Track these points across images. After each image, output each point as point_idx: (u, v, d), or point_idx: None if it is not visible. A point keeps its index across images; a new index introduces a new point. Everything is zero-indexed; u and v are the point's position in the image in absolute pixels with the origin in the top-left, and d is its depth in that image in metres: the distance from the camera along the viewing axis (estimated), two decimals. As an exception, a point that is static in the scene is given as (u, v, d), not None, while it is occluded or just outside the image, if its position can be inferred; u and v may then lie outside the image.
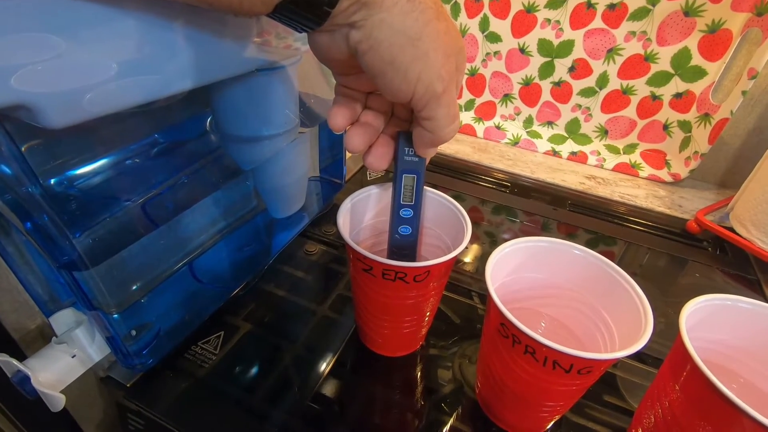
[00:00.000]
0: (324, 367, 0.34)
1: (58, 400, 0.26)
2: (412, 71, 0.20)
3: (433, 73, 0.21)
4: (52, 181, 0.26)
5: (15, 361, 0.26)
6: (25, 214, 0.21)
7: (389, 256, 0.29)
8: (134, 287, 0.30)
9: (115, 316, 0.27)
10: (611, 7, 0.58)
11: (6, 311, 0.32)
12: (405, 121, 0.27)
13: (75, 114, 0.19)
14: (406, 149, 0.26)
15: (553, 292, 0.30)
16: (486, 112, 0.74)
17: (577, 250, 0.28)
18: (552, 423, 0.30)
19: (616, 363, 0.36)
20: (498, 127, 0.73)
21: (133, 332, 0.29)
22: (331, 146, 0.48)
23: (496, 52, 0.68)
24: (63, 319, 0.29)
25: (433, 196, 0.33)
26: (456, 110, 0.23)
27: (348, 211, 0.31)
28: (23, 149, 0.21)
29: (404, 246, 0.30)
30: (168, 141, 0.35)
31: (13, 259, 0.28)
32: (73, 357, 0.28)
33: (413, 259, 0.29)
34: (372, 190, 0.32)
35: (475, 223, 0.53)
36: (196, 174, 0.35)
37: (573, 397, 0.26)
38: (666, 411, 0.24)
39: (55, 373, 0.27)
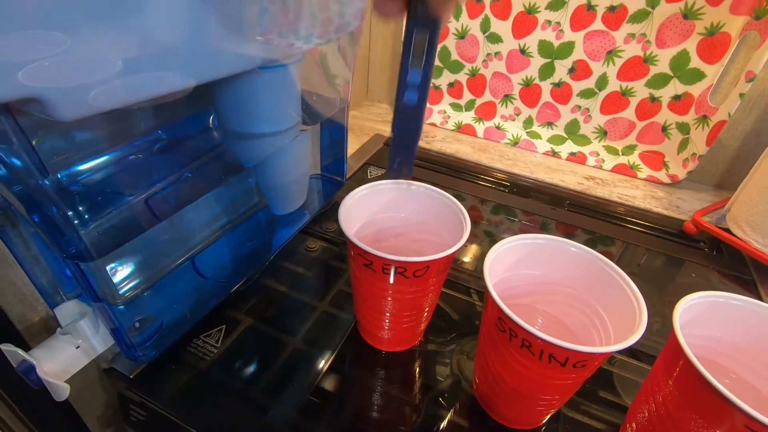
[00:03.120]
0: (324, 361, 0.34)
1: (62, 390, 0.27)
2: None
3: None
4: (60, 174, 0.27)
5: (20, 351, 0.26)
6: (34, 206, 0.22)
7: (394, 125, 0.28)
8: (138, 280, 0.30)
9: (120, 307, 0.28)
10: (611, 9, 0.58)
11: (11, 303, 0.32)
12: None
13: (85, 107, 0.20)
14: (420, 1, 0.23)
15: (549, 289, 0.31)
16: (486, 112, 0.75)
17: (573, 247, 0.29)
18: (548, 417, 0.31)
19: (613, 360, 0.36)
20: (498, 128, 0.74)
21: (137, 324, 0.30)
22: (333, 144, 0.49)
23: (496, 53, 0.68)
24: (67, 310, 0.29)
25: (432, 193, 0.33)
26: None
27: (349, 207, 0.32)
28: (34, 143, 0.22)
29: (409, 114, 0.28)
30: (171, 137, 0.35)
31: (20, 250, 0.28)
32: (77, 348, 0.28)
33: (416, 131, 0.28)
34: (373, 188, 0.33)
35: (474, 223, 0.54)
36: (199, 170, 0.36)
37: (569, 391, 0.27)
38: (659, 405, 0.25)
39: (59, 363, 0.28)
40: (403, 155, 0.30)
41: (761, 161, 0.48)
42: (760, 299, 0.42)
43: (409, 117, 0.28)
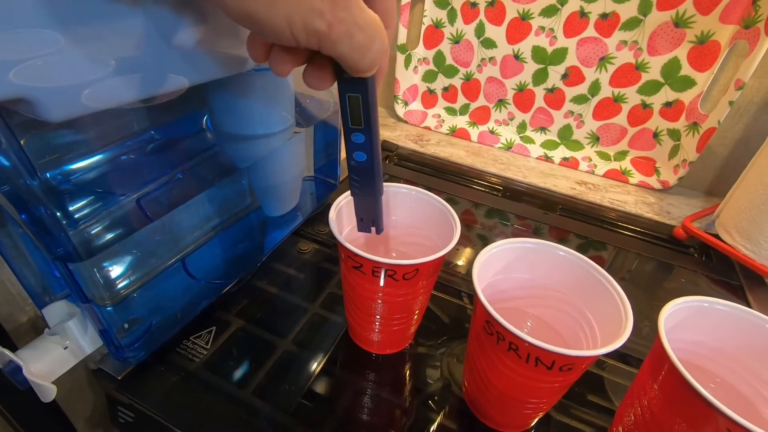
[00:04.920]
0: (315, 364, 0.34)
1: (49, 391, 0.27)
2: (276, 18, 0.17)
3: (303, 11, 0.16)
4: (49, 174, 0.27)
5: (7, 352, 0.26)
6: (22, 206, 0.22)
7: (351, 185, 0.28)
8: (128, 281, 0.30)
9: (109, 309, 0.28)
10: (604, 16, 0.59)
11: (-1, 303, 0.32)
12: None
13: (73, 108, 0.20)
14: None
15: (539, 293, 0.31)
16: (480, 116, 0.75)
17: (561, 251, 0.29)
18: (536, 420, 0.31)
19: (604, 365, 0.36)
20: (492, 132, 0.74)
21: (126, 325, 0.30)
22: (326, 147, 0.49)
23: (491, 58, 0.69)
24: (56, 311, 0.29)
25: (423, 196, 0.33)
26: (368, 32, 0.18)
27: (340, 209, 0.32)
28: (22, 142, 0.22)
29: (362, 173, 0.27)
30: (165, 137, 0.35)
31: (9, 250, 0.28)
32: (65, 348, 0.28)
33: (374, 190, 0.28)
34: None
35: (467, 226, 0.54)
36: (192, 171, 0.36)
37: (556, 394, 0.27)
38: (645, 409, 0.25)
39: (47, 363, 0.27)
40: (367, 213, 0.29)
41: (750, 168, 0.49)
42: (748, 305, 0.42)
43: (363, 176, 0.27)
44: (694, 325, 0.26)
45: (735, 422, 0.20)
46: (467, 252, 0.49)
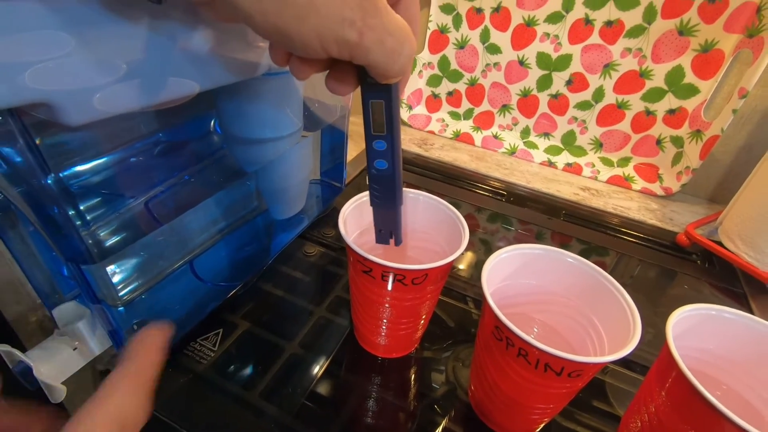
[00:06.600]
0: (320, 366, 0.34)
1: (59, 392, 0.27)
2: (306, 33, 0.16)
3: (334, 22, 0.16)
4: (62, 175, 0.27)
5: (17, 352, 0.26)
6: (37, 206, 0.22)
7: (370, 195, 0.28)
8: (137, 282, 0.30)
9: (120, 309, 0.28)
10: (608, 23, 0.59)
11: (7, 303, 0.32)
12: None
13: (92, 112, 0.20)
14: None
15: (546, 299, 0.31)
16: (484, 121, 0.75)
17: (570, 258, 0.29)
18: (542, 426, 0.31)
19: (606, 370, 0.37)
20: (495, 137, 0.74)
21: (135, 326, 0.30)
22: (332, 150, 0.49)
23: (495, 64, 0.69)
24: (65, 311, 0.29)
25: (431, 202, 0.34)
26: (398, 37, 0.18)
27: (349, 213, 0.32)
28: (37, 142, 0.22)
29: (383, 182, 0.27)
30: (173, 140, 0.35)
31: (19, 250, 0.28)
32: (74, 349, 0.28)
33: (393, 199, 0.27)
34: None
35: (470, 231, 0.54)
36: (200, 174, 0.36)
37: (563, 400, 0.27)
38: (652, 416, 0.25)
39: (56, 364, 0.27)
40: (386, 224, 0.29)
41: (753, 176, 0.49)
42: (751, 312, 0.42)
43: (384, 184, 0.27)
44: (701, 333, 0.27)
45: (744, 430, 0.20)
46: (470, 256, 0.49)
